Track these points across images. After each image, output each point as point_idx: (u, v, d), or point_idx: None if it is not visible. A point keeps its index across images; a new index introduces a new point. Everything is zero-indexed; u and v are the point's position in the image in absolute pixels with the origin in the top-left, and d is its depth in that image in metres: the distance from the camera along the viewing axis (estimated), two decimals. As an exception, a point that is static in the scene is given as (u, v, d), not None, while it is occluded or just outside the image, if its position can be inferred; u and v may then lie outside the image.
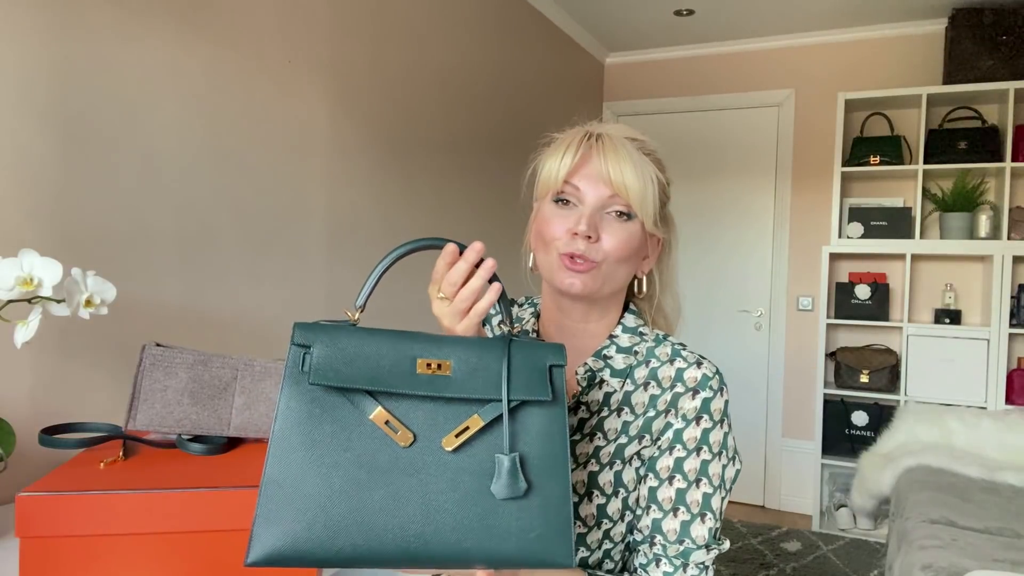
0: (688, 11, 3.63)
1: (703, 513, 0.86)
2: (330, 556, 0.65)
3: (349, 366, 0.68)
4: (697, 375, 0.89)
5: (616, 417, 0.90)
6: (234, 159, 1.80)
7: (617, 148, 0.87)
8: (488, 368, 0.71)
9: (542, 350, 0.74)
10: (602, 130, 0.91)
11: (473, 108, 2.94)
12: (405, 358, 0.70)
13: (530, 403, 0.71)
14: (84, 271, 1.07)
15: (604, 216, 0.88)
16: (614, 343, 0.94)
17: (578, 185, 0.88)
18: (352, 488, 0.66)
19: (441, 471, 0.68)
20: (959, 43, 3.40)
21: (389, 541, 0.66)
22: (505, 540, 0.68)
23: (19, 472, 1.27)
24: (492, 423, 0.70)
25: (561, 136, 0.93)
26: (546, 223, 0.90)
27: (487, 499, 0.68)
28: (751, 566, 3.12)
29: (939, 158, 3.44)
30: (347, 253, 2.22)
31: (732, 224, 4.11)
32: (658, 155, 0.93)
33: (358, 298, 0.74)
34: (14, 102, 1.31)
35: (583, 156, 0.88)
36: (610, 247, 0.87)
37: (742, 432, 4.04)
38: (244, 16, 1.81)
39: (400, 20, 2.44)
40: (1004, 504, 2.39)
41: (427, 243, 0.75)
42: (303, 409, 0.68)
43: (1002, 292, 3.29)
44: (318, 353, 0.68)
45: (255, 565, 0.65)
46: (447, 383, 0.69)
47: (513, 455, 0.69)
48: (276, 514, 0.65)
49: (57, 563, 0.83)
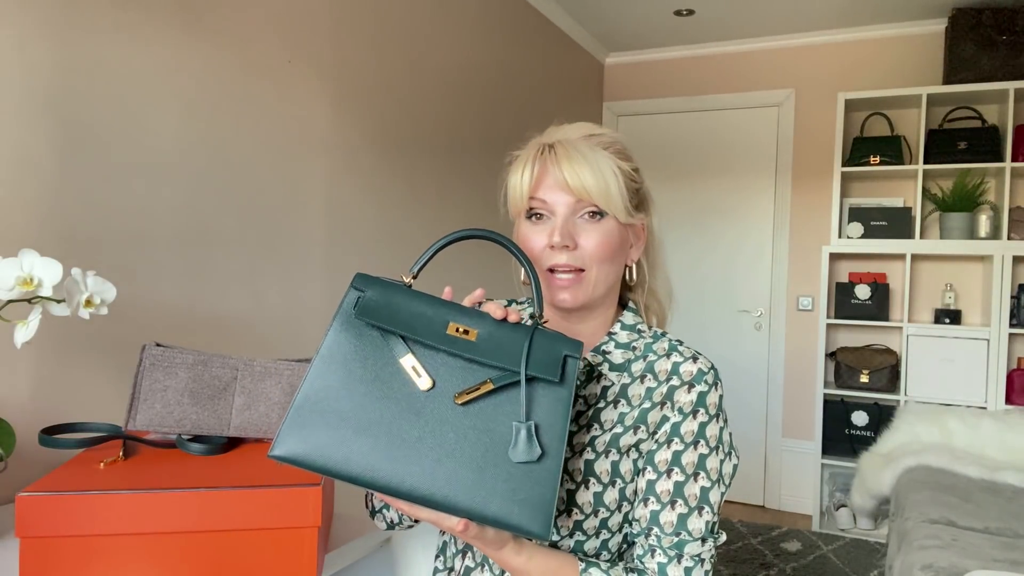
0: (688, 11, 3.63)
1: (700, 506, 0.87)
2: (340, 473, 0.73)
3: (392, 313, 0.79)
4: (693, 369, 0.91)
5: (612, 409, 0.92)
6: (234, 159, 1.80)
7: (570, 153, 0.89)
8: (510, 343, 0.79)
9: (561, 342, 0.81)
10: (556, 138, 0.92)
11: (473, 108, 2.94)
12: (440, 319, 0.79)
13: (540, 382, 0.78)
14: (84, 271, 1.07)
15: (577, 221, 0.90)
16: (613, 339, 0.96)
17: (544, 198, 0.90)
18: (372, 415, 0.75)
19: (447, 421, 0.76)
20: (959, 43, 3.40)
21: (391, 472, 0.73)
22: (491, 499, 0.74)
23: (19, 472, 1.27)
24: (501, 391, 0.78)
25: (520, 153, 0.95)
26: (526, 240, 0.93)
27: (485, 457, 0.75)
28: (751, 566, 3.12)
29: (939, 158, 3.44)
30: (347, 253, 2.22)
31: (732, 224, 4.11)
32: (620, 144, 0.95)
33: (414, 265, 0.84)
34: (14, 102, 1.31)
35: (540, 169, 0.91)
36: (591, 250, 0.89)
37: (742, 432, 4.04)
38: (244, 16, 1.81)
39: (400, 20, 2.44)
40: (1004, 504, 2.39)
41: (483, 234, 0.85)
42: (349, 341, 0.78)
43: (1002, 292, 3.29)
44: (370, 296, 0.79)
45: (277, 460, 0.73)
46: (470, 347, 0.78)
47: (529, 423, 0.76)
48: (306, 420, 0.74)
49: (57, 563, 0.83)
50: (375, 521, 1.01)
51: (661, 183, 4.18)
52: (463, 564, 0.96)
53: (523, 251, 0.88)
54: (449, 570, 1.00)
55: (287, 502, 0.88)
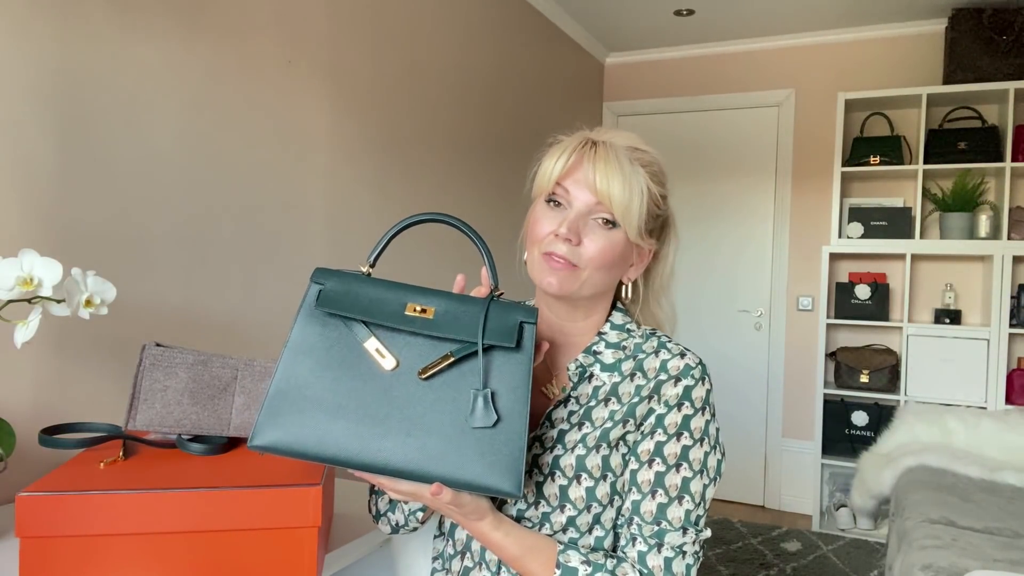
0: (688, 11, 3.63)
1: (681, 496, 0.88)
2: (318, 455, 0.78)
3: (352, 301, 0.83)
4: (680, 364, 0.93)
5: (603, 407, 0.93)
6: (234, 159, 1.80)
7: (609, 158, 0.90)
8: (467, 317, 0.83)
9: (517, 310, 0.85)
10: (603, 138, 0.93)
11: (473, 108, 2.94)
12: (397, 302, 0.84)
13: (498, 350, 0.83)
14: (84, 271, 1.07)
15: (590, 222, 0.91)
16: (603, 339, 0.97)
17: (568, 188, 0.92)
18: (342, 398, 0.79)
19: (413, 395, 0.80)
20: (959, 43, 3.40)
21: (364, 449, 0.78)
22: (462, 464, 0.78)
23: (19, 472, 1.27)
24: (462, 361, 0.82)
25: (564, 138, 0.95)
26: (536, 222, 0.94)
27: (453, 426, 0.79)
28: (751, 566, 3.12)
29: (939, 158, 3.44)
30: (347, 253, 2.22)
31: (732, 224, 4.11)
32: (658, 167, 0.96)
33: (370, 256, 0.89)
34: (14, 102, 1.31)
35: (576, 161, 0.92)
36: (591, 253, 0.90)
37: (742, 432, 4.04)
38: (244, 16, 1.81)
39: (400, 20, 2.44)
40: (1004, 504, 2.39)
41: (434, 217, 0.88)
42: (314, 331, 0.82)
43: (1002, 292, 3.29)
44: (329, 287, 0.84)
45: (257, 450, 0.78)
46: (429, 324, 0.82)
47: (486, 391, 0.80)
48: (281, 410, 0.78)
49: (57, 563, 0.83)
50: (379, 525, 1.01)
51: (661, 183, 4.18)
52: (462, 565, 0.96)
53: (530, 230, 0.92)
54: (447, 571, 1.00)
55: (287, 502, 0.88)
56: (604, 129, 0.96)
